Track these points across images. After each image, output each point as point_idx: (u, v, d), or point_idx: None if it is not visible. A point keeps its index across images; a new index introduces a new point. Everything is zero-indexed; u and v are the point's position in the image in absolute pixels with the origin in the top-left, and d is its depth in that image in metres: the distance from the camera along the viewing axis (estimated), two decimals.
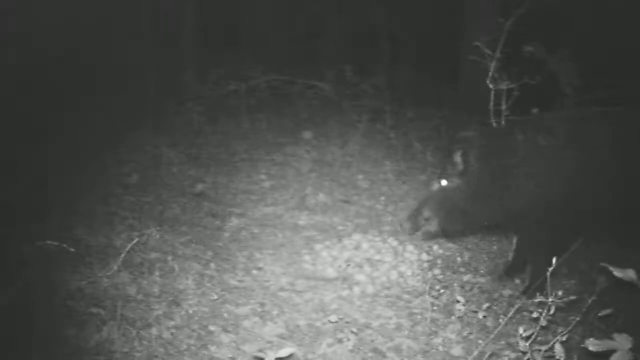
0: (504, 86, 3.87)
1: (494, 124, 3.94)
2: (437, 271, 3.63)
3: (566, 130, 3.25)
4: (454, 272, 3.63)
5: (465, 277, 3.57)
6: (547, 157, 3.20)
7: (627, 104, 3.38)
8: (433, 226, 3.39)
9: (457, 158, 3.23)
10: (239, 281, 3.48)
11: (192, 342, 2.87)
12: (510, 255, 3.75)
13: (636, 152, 3.16)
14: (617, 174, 3.15)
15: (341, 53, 7.40)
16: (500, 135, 3.41)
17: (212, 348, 2.84)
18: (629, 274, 2.03)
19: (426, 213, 3.38)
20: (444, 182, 3.32)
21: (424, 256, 3.75)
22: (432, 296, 3.28)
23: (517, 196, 3.20)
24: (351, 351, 2.87)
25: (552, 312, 2.49)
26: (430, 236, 3.51)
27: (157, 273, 3.38)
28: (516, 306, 3.01)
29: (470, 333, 3.03)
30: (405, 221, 3.46)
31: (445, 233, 3.50)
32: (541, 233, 3.30)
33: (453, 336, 3.00)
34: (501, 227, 3.52)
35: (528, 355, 2.44)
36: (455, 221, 3.38)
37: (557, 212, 3.18)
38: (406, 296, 3.38)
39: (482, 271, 3.67)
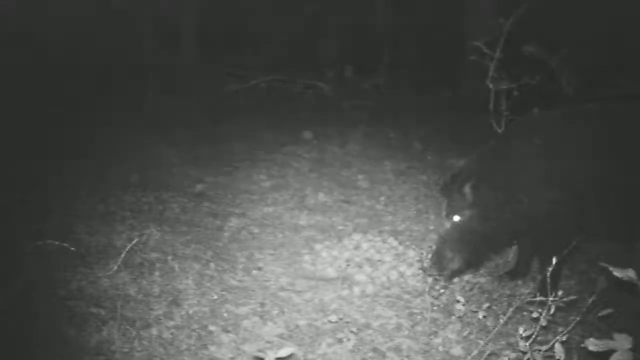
0: (504, 86, 3.87)
1: (494, 124, 3.95)
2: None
3: (561, 127, 3.25)
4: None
5: (465, 277, 3.57)
6: (545, 155, 3.20)
7: (625, 102, 3.38)
8: (456, 264, 3.34)
9: (467, 190, 3.21)
10: (239, 281, 3.48)
11: (192, 342, 2.87)
12: (511, 257, 3.75)
13: (632, 147, 3.16)
14: (615, 168, 3.15)
15: (341, 53, 7.41)
16: (494, 148, 3.40)
17: (212, 348, 2.84)
18: (629, 274, 2.03)
19: (448, 254, 3.33)
20: (456, 218, 3.30)
21: (424, 256, 3.75)
22: (432, 296, 3.28)
23: (523, 200, 3.20)
24: (351, 351, 2.87)
25: (552, 312, 2.49)
26: (457, 274, 3.45)
27: (157, 273, 3.38)
28: (516, 306, 3.01)
29: (470, 333, 3.03)
30: (429, 268, 3.41)
31: (471, 265, 3.45)
32: (545, 232, 3.29)
33: (453, 336, 3.00)
34: (516, 235, 3.50)
35: (528, 355, 2.44)
36: (480, 250, 3.36)
37: (560, 209, 3.18)
38: (406, 296, 3.38)
39: (482, 271, 3.67)
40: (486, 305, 3.13)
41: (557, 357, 2.31)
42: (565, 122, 3.29)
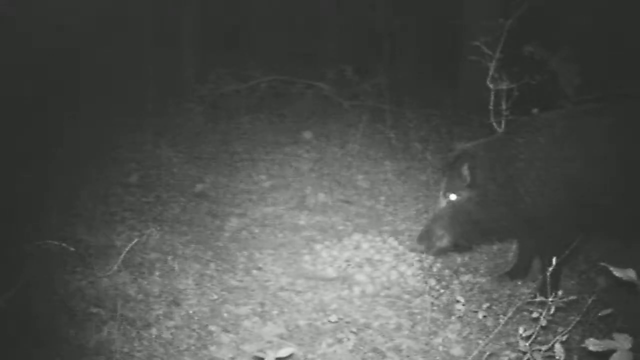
0: (504, 86, 3.86)
1: (495, 124, 3.94)
2: (436, 271, 3.63)
3: (565, 127, 3.25)
4: (454, 272, 3.63)
5: (465, 277, 3.57)
6: (549, 156, 3.20)
7: (626, 102, 3.38)
8: (444, 242, 3.39)
9: (465, 171, 3.23)
10: (239, 281, 3.48)
11: (192, 342, 2.87)
12: (511, 257, 3.75)
13: (634, 147, 3.16)
14: (617, 168, 3.15)
15: (341, 53, 7.40)
16: (500, 141, 3.41)
17: (212, 348, 2.84)
18: (629, 274, 2.03)
19: (439, 231, 3.37)
20: (452, 197, 3.32)
21: (424, 256, 3.75)
22: (432, 296, 3.28)
23: (526, 198, 3.21)
24: (351, 351, 2.87)
25: (552, 312, 2.49)
26: (442, 252, 3.50)
27: (157, 273, 3.38)
28: (516, 306, 3.01)
29: (470, 333, 3.03)
30: (417, 242, 3.45)
31: (459, 247, 3.49)
32: (546, 232, 3.29)
33: (453, 336, 3.00)
34: (514, 232, 3.51)
35: (528, 355, 2.44)
36: (470, 233, 3.38)
37: (563, 210, 3.18)
38: (406, 296, 3.38)
39: (482, 271, 3.67)
40: (486, 305, 3.13)
41: (557, 357, 2.31)
42: (570, 123, 3.29)
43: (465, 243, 3.47)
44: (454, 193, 3.31)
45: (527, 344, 2.45)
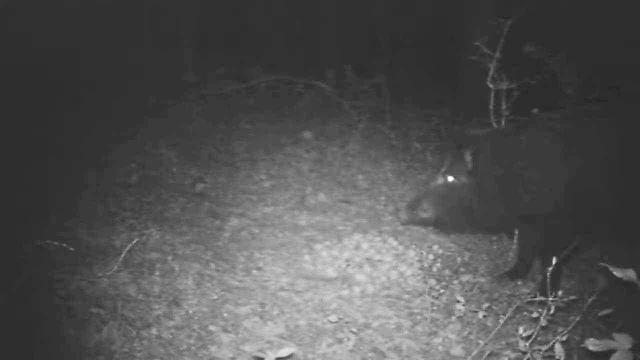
0: (504, 86, 3.87)
1: (494, 124, 3.94)
2: (436, 271, 3.63)
3: (569, 128, 3.25)
4: (454, 272, 3.63)
5: (465, 277, 3.57)
6: (552, 156, 3.19)
7: (627, 102, 3.38)
8: (426, 214, 3.46)
9: (468, 157, 3.24)
10: (239, 281, 3.48)
11: (192, 342, 2.87)
12: (511, 257, 3.75)
13: (634, 147, 3.16)
14: (619, 170, 3.14)
15: (341, 53, 7.41)
16: (506, 136, 3.42)
17: (212, 348, 2.84)
18: (629, 274, 2.03)
19: (425, 205, 3.44)
20: (450, 179, 3.34)
21: (424, 256, 3.75)
22: (432, 296, 3.28)
23: (524, 197, 3.21)
24: (351, 351, 2.87)
25: (552, 312, 2.49)
26: (422, 223, 3.56)
27: (157, 273, 3.38)
28: (516, 306, 3.01)
29: (470, 333, 3.03)
30: (403, 210, 3.53)
31: (441, 226, 3.54)
32: (545, 232, 3.29)
33: (453, 336, 3.00)
34: (503, 227, 3.53)
35: (528, 355, 2.44)
36: (457, 218, 3.41)
37: (562, 210, 3.18)
38: (406, 296, 3.38)
39: (482, 271, 3.67)
40: (486, 305, 3.13)
41: (557, 357, 2.31)
42: (572, 123, 3.29)
43: (450, 225, 3.51)
44: (453, 175, 3.34)
45: (527, 344, 2.45)
